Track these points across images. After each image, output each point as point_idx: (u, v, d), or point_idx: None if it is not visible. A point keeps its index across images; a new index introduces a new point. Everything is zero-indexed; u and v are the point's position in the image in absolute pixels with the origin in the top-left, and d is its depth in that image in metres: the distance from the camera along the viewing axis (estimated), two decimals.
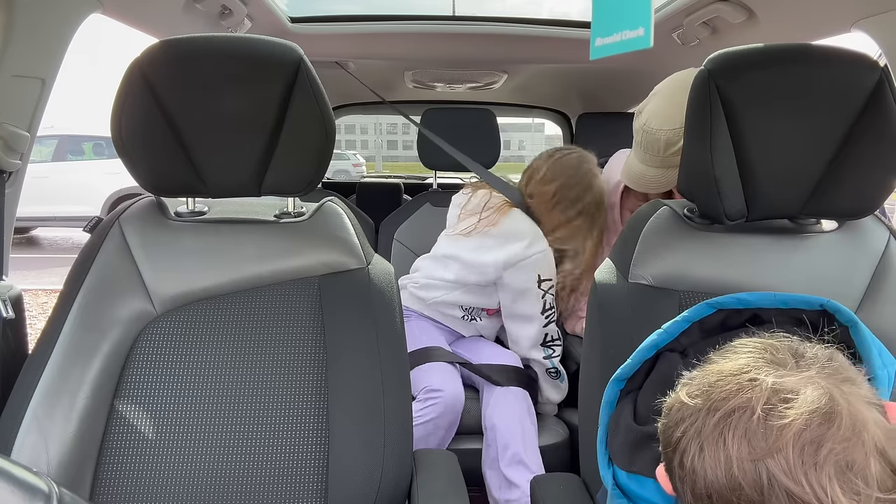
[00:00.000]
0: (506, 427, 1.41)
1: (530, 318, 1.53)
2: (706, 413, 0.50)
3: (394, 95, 2.85)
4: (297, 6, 1.85)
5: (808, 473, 0.45)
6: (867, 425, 0.47)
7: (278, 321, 0.95)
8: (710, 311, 0.71)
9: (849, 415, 0.47)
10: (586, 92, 2.72)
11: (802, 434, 0.46)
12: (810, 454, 0.45)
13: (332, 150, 0.97)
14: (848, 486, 0.45)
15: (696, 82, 0.88)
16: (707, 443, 0.49)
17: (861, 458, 0.45)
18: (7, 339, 1.00)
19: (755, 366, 0.52)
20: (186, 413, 0.90)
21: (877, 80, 0.84)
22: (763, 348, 0.54)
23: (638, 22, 0.70)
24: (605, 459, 0.69)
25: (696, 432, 0.51)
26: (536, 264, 1.49)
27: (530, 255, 1.48)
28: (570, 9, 2.47)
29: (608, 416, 0.71)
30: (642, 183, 1.39)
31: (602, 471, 0.69)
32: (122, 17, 1.30)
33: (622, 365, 0.72)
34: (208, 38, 0.92)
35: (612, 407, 0.71)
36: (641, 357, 0.71)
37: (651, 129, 1.30)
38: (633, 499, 0.65)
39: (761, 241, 0.92)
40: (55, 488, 0.41)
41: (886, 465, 0.46)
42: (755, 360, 0.53)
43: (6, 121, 1.04)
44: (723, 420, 0.49)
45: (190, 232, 0.99)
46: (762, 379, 0.50)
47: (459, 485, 0.94)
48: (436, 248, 1.70)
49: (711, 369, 0.54)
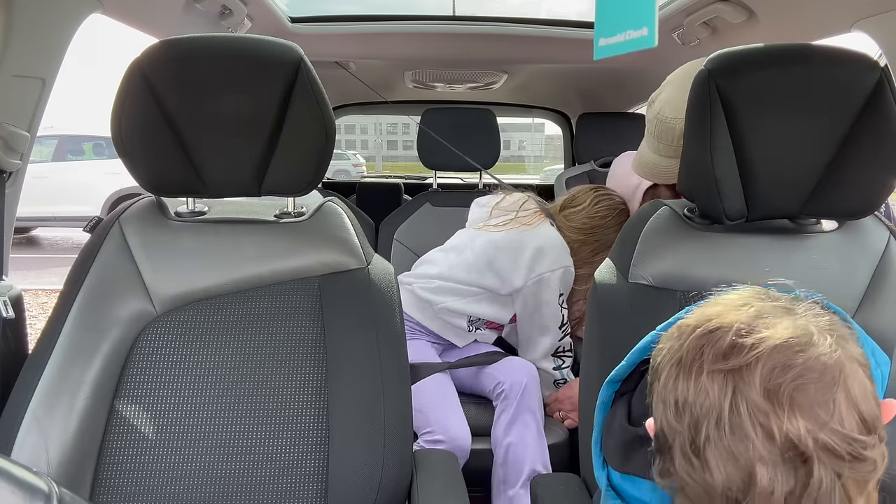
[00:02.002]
0: (520, 447, 1.39)
1: (548, 329, 1.52)
2: (691, 331, 0.51)
3: (394, 95, 2.85)
4: (297, 6, 1.85)
5: (774, 390, 0.45)
6: (847, 373, 0.47)
7: (278, 321, 0.95)
8: None
9: (831, 356, 0.47)
10: (586, 92, 2.72)
11: (777, 351, 0.46)
12: (779, 373, 0.46)
13: (332, 150, 0.97)
14: (810, 415, 0.45)
15: (696, 82, 0.88)
16: (685, 355, 0.50)
17: (832, 397, 0.45)
18: (7, 339, 1.00)
19: (748, 298, 0.53)
20: (186, 413, 0.90)
21: (877, 80, 0.84)
22: (762, 291, 0.54)
23: (642, 21, 0.69)
24: (599, 460, 0.69)
25: (678, 347, 0.51)
26: (563, 278, 1.49)
27: (557, 269, 1.48)
28: (569, 10, 2.47)
29: (603, 418, 0.71)
30: (655, 173, 1.37)
31: (596, 472, 0.69)
32: (122, 17, 1.30)
33: (616, 367, 0.72)
34: (208, 38, 0.92)
35: (607, 408, 0.71)
36: (635, 358, 0.71)
37: (665, 118, 1.28)
38: (627, 499, 0.65)
39: (761, 241, 0.92)
40: (55, 488, 0.41)
41: (860, 421, 0.46)
42: (750, 295, 0.53)
43: (6, 121, 1.04)
44: (705, 336, 0.50)
45: (190, 232, 0.99)
46: (752, 304, 0.51)
47: (459, 485, 0.94)
48: (454, 240, 1.66)
49: (708, 301, 0.55)
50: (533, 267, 1.47)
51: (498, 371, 1.50)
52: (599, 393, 0.72)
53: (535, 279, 1.47)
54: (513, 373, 1.47)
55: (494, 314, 1.56)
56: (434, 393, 1.45)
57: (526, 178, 12.72)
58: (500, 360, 1.52)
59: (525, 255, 1.48)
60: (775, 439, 0.45)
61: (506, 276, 1.50)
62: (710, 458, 0.46)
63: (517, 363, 1.51)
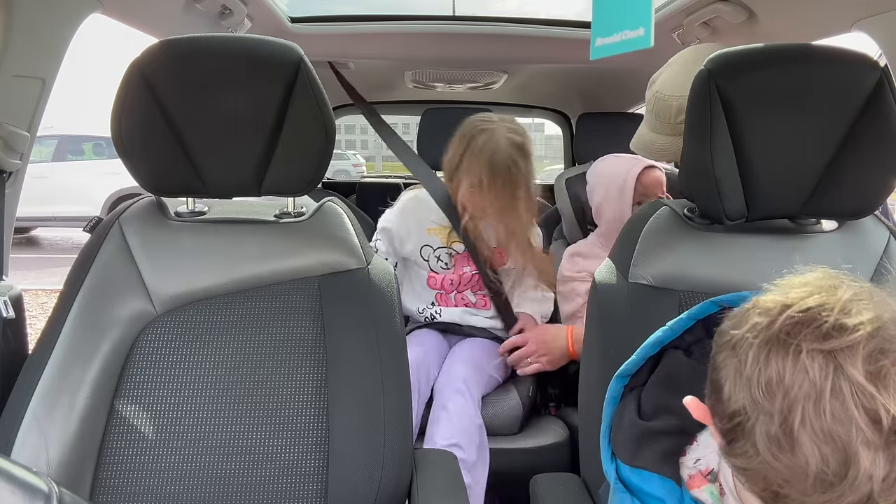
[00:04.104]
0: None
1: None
2: (781, 309, 0.50)
3: (394, 95, 2.85)
4: (297, 6, 1.85)
5: (877, 373, 0.45)
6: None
7: (278, 321, 0.95)
8: (714, 310, 0.71)
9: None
10: (586, 92, 2.72)
11: (878, 333, 0.46)
12: (881, 356, 0.45)
13: (332, 150, 0.97)
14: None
15: (696, 82, 0.88)
16: (779, 334, 0.49)
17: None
18: (7, 339, 1.00)
19: (834, 279, 0.52)
20: (186, 413, 0.90)
21: (877, 80, 0.84)
22: (836, 273, 0.54)
23: (638, 22, 0.70)
24: (608, 454, 0.69)
25: (767, 325, 0.50)
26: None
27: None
28: (568, 10, 2.47)
29: (612, 412, 0.71)
30: (651, 150, 1.41)
31: (605, 465, 0.69)
32: (122, 17, 1.30)
33: (626, 361, 0.72)
34: (208, 38, 0.92)
35: (616, 403, 0.72)
36: (645, 353, 0.71)
37: (664, 97, 1.32)
38: (636, 493, 0.65)
39: (761, 241, 0.92)
40: (55, 488, 0.41)
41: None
42: (832, 276, 0.53)
43: (6, 121, 1.04)
44: (801, 314, 0.49)
45: (190, 232, 0.99)
46: (844, 285, 0.50)
47: (459, 485, 0.94)
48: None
49: (786, 282, 0.54)
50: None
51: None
52: (608, 388, 0.72)
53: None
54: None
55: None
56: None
57: None
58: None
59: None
60: (881, 423, 0.44)
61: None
62: (805, 440, 0.45)
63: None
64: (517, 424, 1.51)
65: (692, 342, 0.72)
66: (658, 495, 0.63)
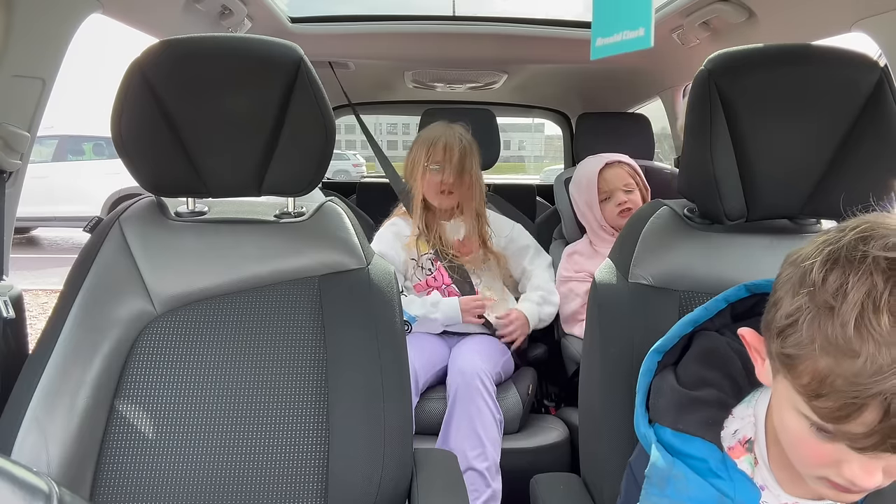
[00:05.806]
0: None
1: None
2: (848, 231, 0.52)
3: (394, 95, 2.85)
4: (297, 6, 1.85)
5: None
6: None
7: (278, 321, 0.95)
8: (745, 294, 0.75)
9: None
10: (586, 92, 2.72)
11: None
12: None
13: (332, 150, 0.97)
14: None
15: (696, 82, 0.88)
16: (847, 246, 0.51)
17: None
18: (7, 339, 1.00)
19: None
20: (186, 413, 0.90)
21: (877, 80, 0.84)
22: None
23: (638, 22, 0.70)
24: (644, 420, 0.73)
25: (835, 240, 0.52)
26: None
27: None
28: (568, 10, 2.47)
29: (647, 383, 0.75)
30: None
31: (643, 429, 0.72)
32: (122, 17, 1.30)
33: (661, 338, 0.75)
34: (208, 38, 0.92)
35: (650, 376, 0.75)
36: (680, 331, 0.75)
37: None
38: (677, 455, 0.68)
39: (761, 241, 0.92)
40: (55, 488, 0.41)
41: None
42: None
43: (6, 121, 1.04)
44: (867, 231, 0.51)
45: (190, 232, 0.99)
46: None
47: (459, 485, 0.94)
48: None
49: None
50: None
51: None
52: (644, 360, 0.76)
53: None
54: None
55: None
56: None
57: (526, 178, 12.70)
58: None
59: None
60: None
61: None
62: (869, 343, 0.48)
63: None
64: (517, 422, 1.51)
65: (721, 325, 0.75)
66: (700, 456, 0.66)
